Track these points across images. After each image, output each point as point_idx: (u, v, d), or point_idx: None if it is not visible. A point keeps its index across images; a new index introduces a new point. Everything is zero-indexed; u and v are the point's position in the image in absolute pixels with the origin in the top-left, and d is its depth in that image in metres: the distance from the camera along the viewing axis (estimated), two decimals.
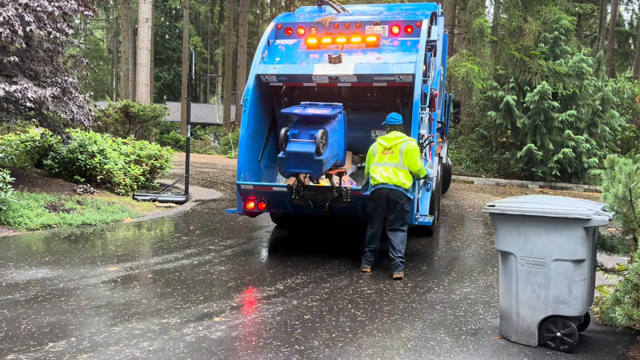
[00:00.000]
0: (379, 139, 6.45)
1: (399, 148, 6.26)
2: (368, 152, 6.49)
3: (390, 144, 6.30)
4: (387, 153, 6.29)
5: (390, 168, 6.23)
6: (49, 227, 8.23)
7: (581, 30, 32.98)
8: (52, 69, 9.93)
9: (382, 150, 6.34)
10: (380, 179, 6.22)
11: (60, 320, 4.54)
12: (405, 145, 6.24)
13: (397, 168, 6.23)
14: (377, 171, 6.28)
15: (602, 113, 18.06)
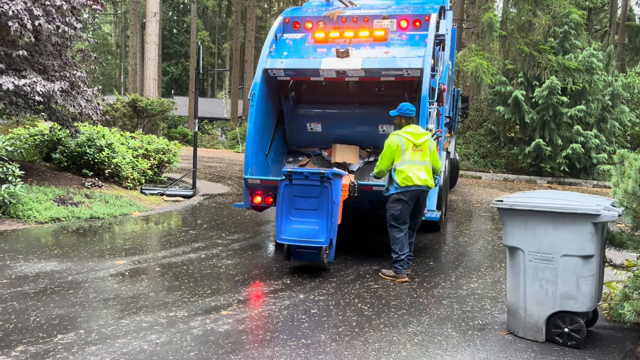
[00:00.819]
0: (405, 133, 5.96)
1: (427, 145, 6.00)
2: (394, 146, 5.91)
3: (420, 141, 5.94)
4: (417, 150, 5.94)
5: (423, 167, 5.94)
6: (58, 221, 8.29)
7: (591, 24, 32.70)
8: (61, 63, 9.97)
9: (412, 146, 5.92)
10: (416, 181, 5.86)
11: (68, 312, 4.57)
12: (432, 143, 6.09)
13: (428, 167, 6.00)
14: (411, 170, 5.87)
15: (612, 108, 17.93)
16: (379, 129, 8.05)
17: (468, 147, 20.58)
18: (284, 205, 5.99)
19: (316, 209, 5.95)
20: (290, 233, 5.93)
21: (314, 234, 5.89)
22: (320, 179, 5.92)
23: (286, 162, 8.40)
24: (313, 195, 5.95)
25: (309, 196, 5.96)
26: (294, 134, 8.35)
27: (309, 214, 5.96)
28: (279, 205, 5.99)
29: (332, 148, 8.19)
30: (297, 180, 5.97)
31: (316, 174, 5.97)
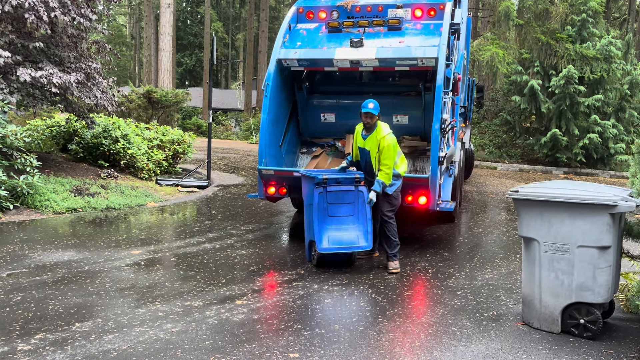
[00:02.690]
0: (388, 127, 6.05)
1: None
2: (395, 144, 5.92)
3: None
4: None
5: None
6: (75, 211, 8.39)
7: (610, 12, 32.09)
8: (77, 55, 10.05)
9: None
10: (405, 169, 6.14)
11: (86, 301, 4.64)
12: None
13: None
14: (404, 163, 6.13)
15: (630, 97, 17.62)
16: (393, 119, 8.01)
17: (483, 138, 20.39)
18: (319, 213, 5.78)
19: (352, 215, 5.85)
20: (331, 242, 5.75)
21: (354, 239, 5.81)
22: (354, 184, 5.83)
23: (300, 152, 8.40)
24: (348, 201, 5.84)
25: (344, 202, 5.84)
26: (307, 124, 8.34)
27: (345, 220, 5.85)
28: (315, 214, 5.77)
29: (345, 139, 8.16)
30: (331, 186, 5.80)
31: (350, 179, 5.86)
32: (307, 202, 6.02)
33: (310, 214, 5.90)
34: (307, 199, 6.07)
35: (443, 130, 6.65)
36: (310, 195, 5.89)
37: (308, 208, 5.99)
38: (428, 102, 7.41)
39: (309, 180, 5.96)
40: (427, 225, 8.25)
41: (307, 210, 6.02)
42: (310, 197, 5.89)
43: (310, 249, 6.03)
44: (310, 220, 5.84)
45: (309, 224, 5.92)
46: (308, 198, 5.99)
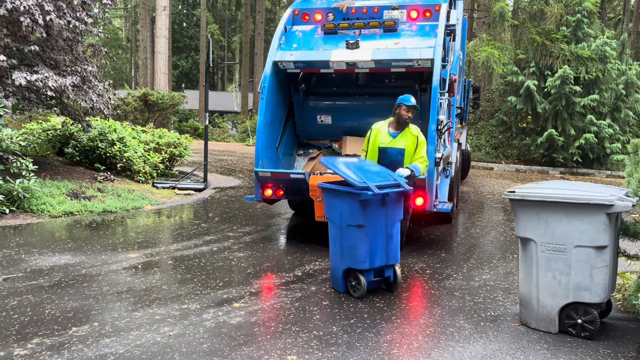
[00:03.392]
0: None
1: None
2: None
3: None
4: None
5: None
6: (71, 215, 8.36)
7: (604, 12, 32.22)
8: (72, 58, 10.03)
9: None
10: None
11: (83, 305, 4.62)
12: None
13: None
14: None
15: (625, 97, 17.68)
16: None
17: (480, 138, 20.43)
18: (374, 234, 4.92)
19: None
20: (381, 259, 5.03)
21: (395, 254, 5.16)
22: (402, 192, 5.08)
23: (297, 154, 8.40)
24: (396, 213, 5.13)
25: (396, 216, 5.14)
26: (304, 126, 8.34)
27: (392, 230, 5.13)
28: (367, 236, 4.88)
29: (342, 140, 8.17)
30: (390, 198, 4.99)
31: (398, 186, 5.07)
32: (345, 222, 4.97)
33: (351, 237, 4.94)
34: (343, 218, 4.99)
35: (439, 131, 6.65)
36: (354, 213, 4.86)
37: (346, 230, 4.96)
38: (424, 103, 7.42)
39: (348, 195, 4.89)
40: (424, 227, 8.25)
41: (343, 232, 5.01)
42: (353, 215, 4.87)
43: (347, 278, 5.09)
44: (354, 245, 4.92)
45: (350, 249, 4.96)
46: (347, 217, 4.95)
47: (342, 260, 5.08)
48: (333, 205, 5.14)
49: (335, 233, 5.17)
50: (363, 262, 4.92)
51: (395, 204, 5.03)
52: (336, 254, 5.16)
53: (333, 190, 5.14)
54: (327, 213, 5.28)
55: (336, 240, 5.15)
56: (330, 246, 5.25)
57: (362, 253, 4.90)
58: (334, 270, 5.23)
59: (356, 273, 4.99)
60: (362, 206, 4.80)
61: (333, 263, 5.23)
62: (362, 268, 4.94)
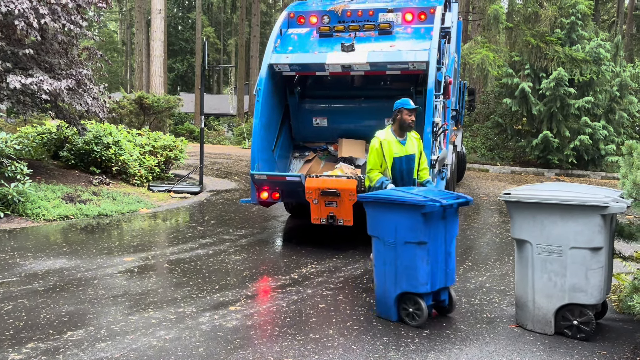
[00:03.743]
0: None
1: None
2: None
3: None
4: None
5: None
6: (66, 218, 8.34)
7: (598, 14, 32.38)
8: (67, 61, 10.00)
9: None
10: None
11: (78, 309, 4.61)
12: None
13: None
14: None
15: (620, 99, 17.76)
16: (385, 123, 8.01)
17: (475, 140, 20.48)
18: (438, 247, 4.42)
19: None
20: (440, 280, 4.51)
21: (453, 274, 4.68)
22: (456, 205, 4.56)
23: (292, 157, 8.40)
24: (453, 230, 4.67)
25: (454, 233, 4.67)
26: (300, 129, 8.34)
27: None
28: (427, 254, 4.34)
29: (338, 143, 8.17)
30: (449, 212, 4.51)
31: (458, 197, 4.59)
32: (403, 238, 4.36)
33: (409, 256, 4.35)
34: (400, 234, 4.38)
35: (435, 134, 6.67)
36: (414, 228, 4.30)
37: (403, 248, 4.37)
38: (420, 105, 7.42)
39: (408, 208, 4.32)
40: None
41: (398, 251, 4.40)
42: (413, 231, 4.31)
43: (401, 304, 4.47)
44: (413, 265, 4.34)
45: (407, 269, 4.37)
46: (405, 233, 4.35)
47: (395, 284, 4.42)
48: (384, 220, 4.48)
49: (385, 252, 4.48)
50: (424, 285, 4.32)
51: (454, 217, 4.57)
52: (386, 276, 4.49)
53: (385, 203, 4.46)
54: (373, 229, 4.61)
55: (387, 261, 4.48)
56: (377, 268, 4.60)
57: (423, 274, 4.31)
58: (382, 296, 4.55)
59: (415, 298, 4.38)
60: (425, 220, 4.25)
61: (380, 287, 4.56)
62: (422, 291, 4.34)
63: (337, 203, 6.62)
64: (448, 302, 4.67)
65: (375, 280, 4.66)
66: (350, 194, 6.51)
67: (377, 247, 4.60)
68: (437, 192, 4.63)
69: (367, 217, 4.64)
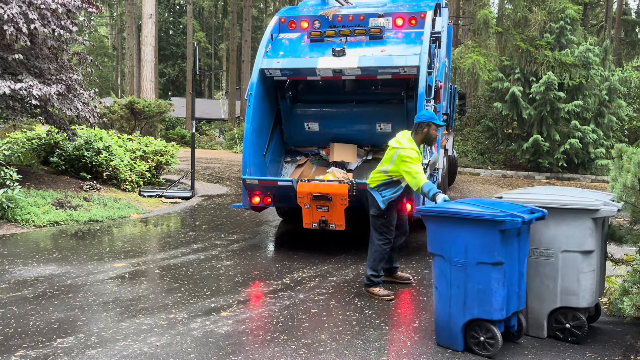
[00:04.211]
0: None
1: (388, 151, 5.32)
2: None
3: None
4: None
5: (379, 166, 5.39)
6: (56, 224, 8.27)
7: (587, 19, 32.69)
8: (57, 67, 9.95)
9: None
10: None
11: (68, 316, 4.56)
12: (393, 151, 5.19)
13: (378, 167, 5.39)
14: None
15: (609, 103, 17.91)
16: (377, 127, 8.04)
17: (466, 144, 20.56)
18: (514, 267, 3.96)
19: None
20: (514, 304, 4.04)
21: (524, 296, 4.21)
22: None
23: (284, 161, 8.39)
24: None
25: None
26: (291, 133, 8.34)
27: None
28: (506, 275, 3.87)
29: (330, 147, 8.17)
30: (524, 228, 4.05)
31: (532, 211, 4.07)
32: (475, 258, 3.88)
33: (482, 278, 3.87)
34: (471, 253, 3.90)
35: None
36: (490, 247, 3.82)
37: (475, 269, 3.89)
38: (410, 110, 7.46)
39: (483, 224, 3.82)
40: (411, 233, 8.24)
41: (469, 272, 3.91)
42: (488, 250, 3.83)
43: (470, 332, 3.99)
44: (486, 288, 3.86)
45: (479, 293, 3.89)
46: (478, 252, 3.87)
47: (464, 309, 3.94)
48: (451, 237, 3.98)
49: (451, 274, 4.00)
50: (499, 311, 3.86)
51: (527, 233, 4.12)
52: (452, 300, 4.00)
53: (454, 218, 3.98)
54: (436, 247, 4.09)
55: (454, 283, 3.99)
56: (440, 291, 4.09)
57: (499, 298, 3.84)
58: (446, 323, 4.05)
59: (488, 325, 3.90)
60: (502, 238, 3.78)
61: (444, 313, 4.06)
62: (497, 318, 3.87)
63: (329, 207, 6.62)
64: (517, 327, 4.19)
65: (437, 305, 4.13)
66: (342, 198, 6.51)
67: (440, 267, 4.07)
68: (508, 205, 4.09)
69: (428, 233, 4.15)
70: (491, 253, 3.81)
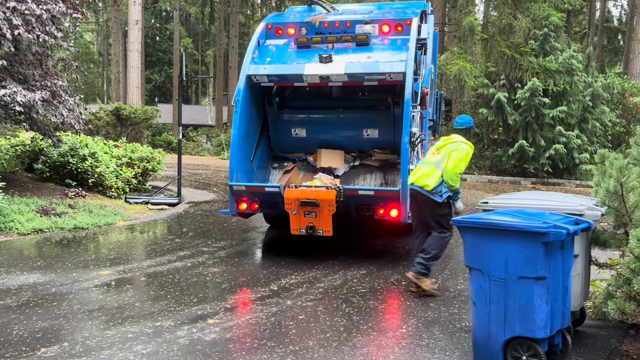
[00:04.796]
0: (441, 140, 5.97)
1: (443, 149, 5.70)
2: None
3: (443, 144, 5.80)
4: (436, 153, 5.77)
5: (428, 167, 5.70)
6: (41, 232, 8.17)
7: (570, 26, 33.15)
8: (42, 73, 9.86)
9: (434, 150, 5.87)
10: (411, 179, 5.85)
11: (52, 325, 4.51)
12: (453, 146, 5.64)
13: (434, 167, 5.66)
14: (416, 171, 5.87)
15: (592, 109, 18.15)
16: (364, 133, 8.06)
17: None
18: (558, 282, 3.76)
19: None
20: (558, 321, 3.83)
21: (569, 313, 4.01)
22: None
23: (272, 167, 8.38)
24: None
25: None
26: (278, 139, 8.34)
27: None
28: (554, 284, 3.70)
29: (317, 153, 8.18)
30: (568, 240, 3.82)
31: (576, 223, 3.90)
32: (516, 272, 3.67)
33: (524, 293, 3.66)
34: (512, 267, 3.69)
35: (412, 144, 6.72)
36: (532, 261, 3.62)
37: (516, 284, 3.68)
38: (397, 116, 7.49)
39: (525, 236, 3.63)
40: (398, 238, 8.29)
41: (509, 287, 3.71)
42: (530, 264, 3.63)
43: (509, 351, 3.76)
44: (529, 305, 3.65)
45: (521, 309, 3.68)
46: (519, 266, 3.66)
47: (504, 326, 3.72)
48: (490, 249, 3.77)
49: (490, 289, 3.77)
50: (543, 328, 3.63)
51: (571, 245, 3.91)
52: (492, 317, 3.78)
53: (493, 229, 3.76)
54: (474, 260, 3.88)
55: (493, 299, 3.75)
56: (478, 307, 3.86)
57: (542, 315, 3.62)
58: (485, 340, 3.82)
59: (530, 343, 3.68)
60: (546, 251, 3.58)
61: (483, 330, 3.83)
62: (540, 336, 3.64)
63: (316, 213, 6.62)
64: (562, 346, 3.94)
65: (475, 321, 3.90)
66: (329, 204, 6.52)
67: (478, 281, 3.84)
68: (550, 215, 3.91)
69: (465, 246, 3.96)
70: (534, 267, 3.60)
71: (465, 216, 4.03)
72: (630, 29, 25.07)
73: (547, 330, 3.65)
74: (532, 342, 3.68)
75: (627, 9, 39.29)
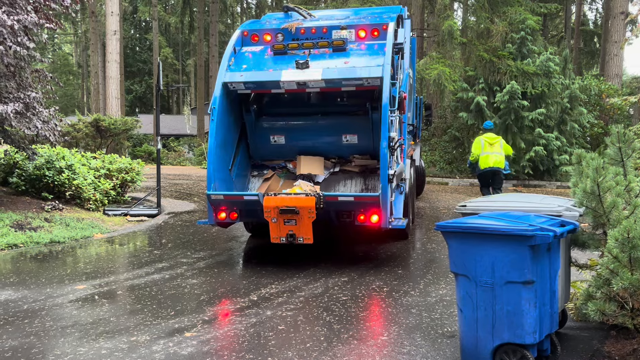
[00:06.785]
0: (484, 137, 10.55)
1: (500, 143, 10.47)
2: (476, 144, 10.59)
3: (493, 141, 10.44)
4: (492, 147, 10.37)
5: (496, 156, 10.30)
6: (15, 247, 7.98)
7: (547, 30, 33.57)
8: (16, 85, 9.67)
9: (487, 144, 10.39)
10: (491, 163, 10.26)
11: (22, 343, 4.36)
12: (503, 142, 10.61)
13: (500, 155, 10.35)
14: (488, 158, 10.28)
15: (570, 110, 18.33)
16: (343, 139, 8.02)
17: (434, 154, 20.75)
18: (545, 286, 3.71)
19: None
20: (546, 326, 3.79)
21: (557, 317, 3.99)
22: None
23: (251, 175, 8.28)
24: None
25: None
26: (257, 147, 8.26)
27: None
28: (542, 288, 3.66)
29: (296, 160, 8.11)
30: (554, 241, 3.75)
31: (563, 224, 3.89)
32: (503, 277, 3.62)
33: (512, 298, 3.61)
34: (498, 272, 3.63)
35: (391, 149, 6.68)
36: (519, 265, 3.57)
37: (504, 289, 3.62)
38: (375, 121, 7.46)
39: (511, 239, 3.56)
40: (380, 244, 8.23)
41: (497, 293, 3.64)
42: (517, 268, 3.57)
43: (497, 357, 3.69)
44: (517, 310, 3.60)
45: (509, 315, 3.62)
46: (506, 270, 3.60)
47: (493, 333, 3.65)
48: (476, 254, 3.70)
49: (477, 295, 3.70)
50: (532, 334, 3.58)
51: (558, 248, 3.87)
52: (479, 324, 3.70)
53: (478, 233, 3.69)
54: (459, 266, 3.81)
55: (480, 305, 3.68)
56: (465, 314, 3.78)
57: (531, 321, 3.57)
58: (473, 349, 3.75)
59: (520, 350, 3.61)
60: (532, 254, 3.53)
61: (470, 337, 3.76)
62: (530, 342, 3.58)
63: (296, 221, 6.54)
64: (550, 351, 3.91)
65: (462, 329, 3.82)
66: (309, 211, 6.44)
67: (465, 288, 3.76)
68: (536, 218, 3.85)
69: (450, 251, 3.87)
70: (521, 271, 3.53)
71: (450, 221, 3.94)
72: (605, 32, 25.44)
73: (536, 335, 3.58)
74: (522, 348, 3.61)
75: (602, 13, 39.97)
